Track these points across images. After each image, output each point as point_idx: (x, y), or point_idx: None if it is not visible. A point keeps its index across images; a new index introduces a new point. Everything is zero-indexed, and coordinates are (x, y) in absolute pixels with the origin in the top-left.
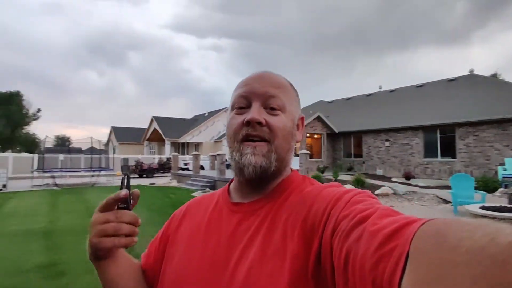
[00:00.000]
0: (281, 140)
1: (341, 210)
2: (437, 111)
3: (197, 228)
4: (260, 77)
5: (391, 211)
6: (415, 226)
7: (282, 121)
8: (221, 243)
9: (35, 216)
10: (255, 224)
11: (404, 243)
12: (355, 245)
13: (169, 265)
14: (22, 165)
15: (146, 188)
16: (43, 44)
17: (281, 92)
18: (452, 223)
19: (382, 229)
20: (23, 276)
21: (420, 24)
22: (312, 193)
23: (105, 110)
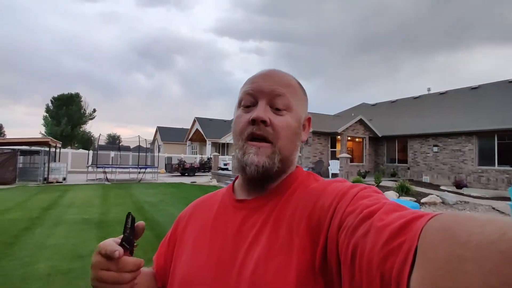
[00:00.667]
0: (284, 141)
1: (347, 205)
2: (495, 115)
3: (203, 227)
4: (268, 75)
5: (397, 206)
6: (422, 220)
7: (287, 121)
8: (227, 240)
9: (89, 207)
10: (260, 220)
11: (412, 238)
12: (362, 241)
13: (178, 265)
14: (79, 161)
15: (187, 186)
16: (99, 49)
17: (288, 91)
18: (460, 217)
19: (390, 224)
20: (81, 261)
21: (476, 20)
22: (317, 188)
23: (152, 110)
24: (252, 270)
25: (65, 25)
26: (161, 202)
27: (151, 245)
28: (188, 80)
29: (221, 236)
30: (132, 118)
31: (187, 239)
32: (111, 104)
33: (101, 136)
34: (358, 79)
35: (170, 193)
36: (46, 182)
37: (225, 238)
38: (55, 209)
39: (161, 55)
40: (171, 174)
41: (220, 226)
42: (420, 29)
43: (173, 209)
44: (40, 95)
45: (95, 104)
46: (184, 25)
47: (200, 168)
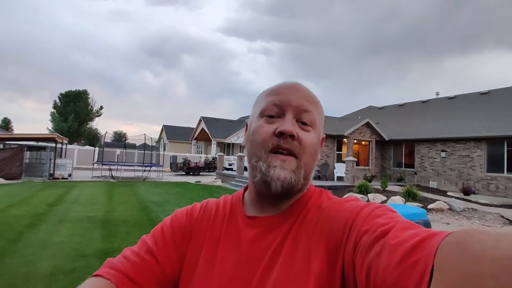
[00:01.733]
0: (308, 157)
1: (362, 225)
2: (505, 121)
3: (215, 239)
4: (295, 88)
5: (411, 224)
6: (437, 239)
7: (312, 138)
8: (241, 261)
9: (94, 204)
10: (276, 241)
11: (427, 257)
12: (376, 260)
13: (189, 282)
14: (85, 157)
15: (192, 186)
16: (108, 47)
17: (314, 108)
18: (474, 232)
19: (403, 242)
20: (84, 260)
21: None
22: (331, 208)
23: (158, 109)
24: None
25: (76, 22)
26: (166, 202)
27: None
28: (195, 79)
29: (233, 254)
30: (139, 116)
31: (201, 243)
32: (119, 102)
33: (107, 133)
34: (366, 82)
35: (175, 193)
36: (51, 178)
37: (239, 257)
38: (60, 205)
39: (169, 54)
40: (176, 173)
41: (231, 245)
42: (430, 33)
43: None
44: (49, 91)
45: (103, 101)
46: (193, 25)
47: (205, 168)
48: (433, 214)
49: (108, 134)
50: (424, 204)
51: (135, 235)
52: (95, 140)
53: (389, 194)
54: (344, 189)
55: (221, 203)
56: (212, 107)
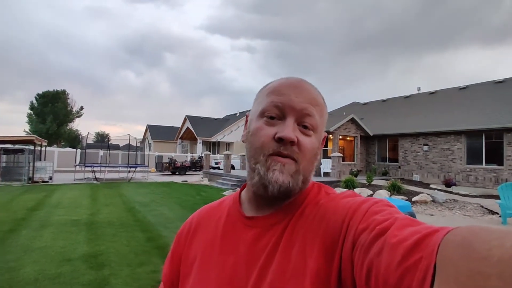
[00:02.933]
0: (307, 162)
1: (359, 222)
2: (483, 115)
3: (211, 244)
4: (298, 88)
5: (410, 220)
6: (439, 236)
7: (312, 143)
8: (239, 261)
9: (78, 207)
10: (273, 240)
11: (429, 255)
12: (376, 259)
13: (187, 285)
14: (66, 159)
15: (179, 185)
16: (87, 45)
17: (317, 110)
18: (478, 230)
19: (404, 240)
20: (70, 264)
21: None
22: (329, 205)
23: (142, 108)
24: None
25: (51, 20)
26: (153, 202)
27: (143, 248)
28: (178, 78)
29: (232, 256)
30: (122, 116)
31: (194, 256)
32: (100, 102)
33: (89, 134)
34: (349, 78)
35: (161, 193)
36: (31, 181)
37: (237, 258)
38: (41, 209)
39: (151, 52)
40: (162, 173)
41: (229, 246)
42: (410, 29)
43: (165, 209)
44: (24, 92)
45: (83, 102)
46: (175, 22)
47: (191, 167)
48: (417, 206)
49: (90, 135)
50: (408, 197)
51: (122, 237)
52: (76, 141)
53: (374, 188)
54: (331, 184)
55: (217, 206)
56: (197, 106)
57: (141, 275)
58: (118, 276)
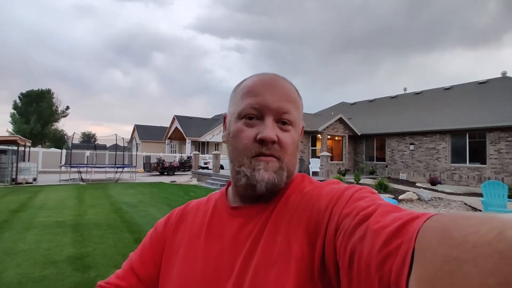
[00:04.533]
0: (290, 157)
1: (343, 208)
2: (466, 115)
3: (196, 234)
4: (273, 87)
5: (393, 207)
6: (419, 221)
7: (292, 137)
8: (224, 249)
9: (63, 209)
10: (257, 227)
11: (409, 240)
12: (359, 244)
13: (170, 274)
14: (51, 160)
15: (167, 185)
16: (73, 44)
17: (293, 106)
18: (456, 217)
19: (386, 226)
20: (55, 267)
21: (448, 24)
22: (313, 192)
23: (129, 108)
24: (251, 279)
25: (36, 18)
26: (141, 202)
27: (131, 249)
28: (167, 78)
29: (217, 244)
30: (109, 116)
31: (178, 246)
32: (86, 102)
33: (75, 134)
34: (337, 78)
35: (149, 193)
36: (14, 183)
37: (222, 247)
38: (25, 211)
39: (139, 52)
40: (150, 174)
41: (215, 234)
42: (397, 31)
43: (154, 210)
44: (6, 92)
45: (69, 101)
46: (163, 21)
47: (180, 167)
48: (404, 204)
49: (76, 135)
50: (395, 195)
51: (109, 238)
52: (61, 142)
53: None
54: None
55: (204, 201)
56: (186, 106)
57: None
58: (105, 278)
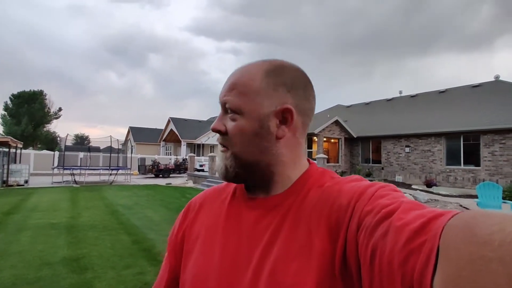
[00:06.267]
0: (240, 146)
1: (365, 205)
2: (461, 118)
3: (214, 223)
4: (228, 79)
5: (416, 204)
6: (443, 219)
7: (238, 126)
8: (242, 240)
9: (56, 211)
10: (276, 220)
11: (433, 238)
12: (381, 241)
13: (189, 262)
14: (43, 162)
15: (163, 188)
16: (67, 44)
17: (235, 93)
18: (481, 215)
19: (409, 224)
20: (50, 268)
21: (443, 28)
22: (334, 188)
23: (124, 110)
24: (270, 271)
25: (30, 17)
26: (136, 204)
27: (128, 251)
28: (162, 79)
29: (234, 234)
30: (103, 118)
31: (197, 234)
32: (80, 103)
33: (68, 136)
34: (333, 81)
35: (145, 195)
36: (5, 185)
37: (239, 237)
38: (18, 213)
39: (135, 53)
40: (145, 176)
41: (234, 224)
42: (392, 35)
43: (150, 212)
44: None
45: (62, 103)
46: (159, 23)
47: (175, 169)
48: None
49: (69, 137)
50: None
51: (105, 240)
52: (53, 144)
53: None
54: None
55: (223, 187)
56: (181, 108)
57: (127, 278)
58: (102, 279)
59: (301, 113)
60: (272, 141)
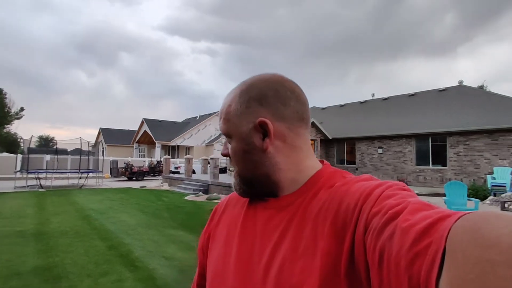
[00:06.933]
0: (238, 165)
1: (372, 206)
2: (429, 120)
3: (234, 223)
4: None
5: (423, 204)
6: (449, 221)
7: (233, 148)
8: (255, 239)
9: (22, 217)
10: (285, 220)
11: (439, 239)
12: (388, 243)
13: (211, 259)
14: (4, 166)
15: (137, 191)
16: (29, 40)
17: (224, 120)
18: (488, 217)
19: (415, 225)
20: (19, 279)
21: (410, 35)
22: (342, 188)
23: (93, 111)
24: (278, 270)
25: None
26: (110, 209)
27: (104, 257)
28: (135, 80)
29: (250, 233)
30: (70, 119)
31: (220, 233)
32: (45, 103)
33: (33, 137)
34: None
35: (119, 199)
36: None
37: (254, 236)
38: None
39: (105, 52)
40: (118, 179)
41: (249, 224)
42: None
43: (125, 216)
44: None
45: (24, 103)
46: (131, 21)
47: (149, 172)
48: None
49: (33, 138)
50: None
51: (78, 247)
52: (14, 146)
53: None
54: None
55: None
56: (155, 109)
57: (105, 285)
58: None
59: (282, 119)
60: (261, 155)
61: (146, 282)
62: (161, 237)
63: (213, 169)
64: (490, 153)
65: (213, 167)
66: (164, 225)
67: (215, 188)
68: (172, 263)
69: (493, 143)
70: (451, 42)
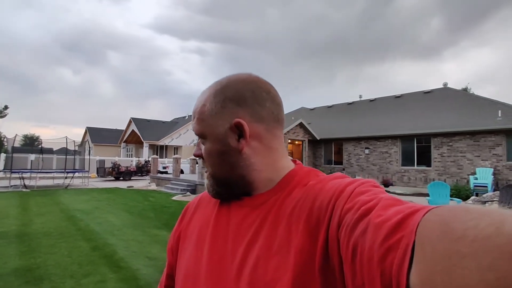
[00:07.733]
0: (213, 166)
1: (345, 202)
2: (414, 121)
3: (206, 222)
4: None
5: (395, 200)
6: (419, 214)
7: (207, 149)
8: (228, 238)
9: (4, 218)
10: (259, 218)
11: (409, 233)
12: (361, 239)
13: (183, 259)
14: None
15: (124, 191)
16: (13, 37)
17: (197, 120)
18: (456, 210)
19: (387, 220)
20: (1, 280)
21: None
22: (316, 186)
23: (80, 110)
24: (251, 268)
25: None
26: (96, 209)
27: (88, 258)
28: (123, 79)
29: (222, 233)
30: (56, 118)
31: (191, 233)
32: (29, 101)
33: (17, 136)
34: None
35: (105, 199)
36: None
37: (226, 235)
38: None
39: (92, 50)
40: (104, 179)
41: (221, 223)
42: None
43: (112, 216)
44: None
45: (7, 101)
46: (119, 19)
47: (137, 172)
48: None
49: (17, 137)
50: None
51: (62, 248)
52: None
53: None
54: None
55: None
56: (143, 108)
57: (88, 286)
58: None
59: (259, 120)
60: (237, 156)
61: (129, 283)
62: (146, 238)
63: (201, 169)
64: (472, 154)
65: (201, 167)
66: (149, 225)
67: (202, 188)
68: (156, 263)
69: (475, 144)
70: (437, 45)
